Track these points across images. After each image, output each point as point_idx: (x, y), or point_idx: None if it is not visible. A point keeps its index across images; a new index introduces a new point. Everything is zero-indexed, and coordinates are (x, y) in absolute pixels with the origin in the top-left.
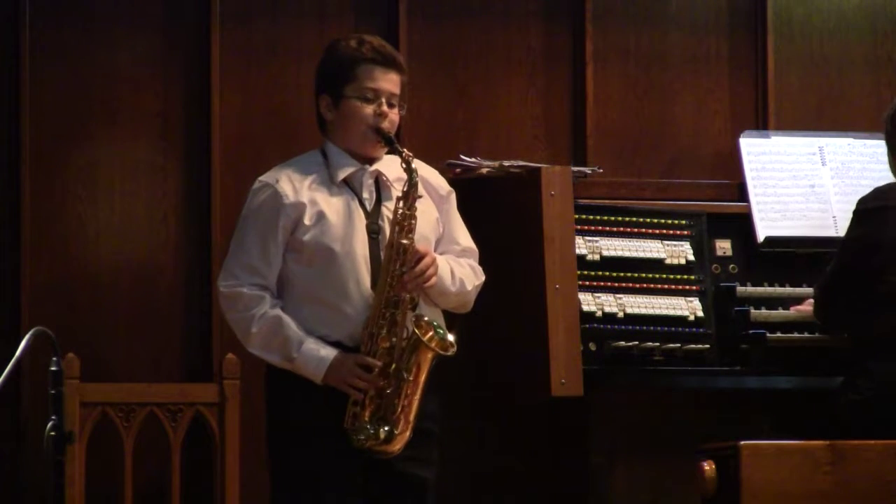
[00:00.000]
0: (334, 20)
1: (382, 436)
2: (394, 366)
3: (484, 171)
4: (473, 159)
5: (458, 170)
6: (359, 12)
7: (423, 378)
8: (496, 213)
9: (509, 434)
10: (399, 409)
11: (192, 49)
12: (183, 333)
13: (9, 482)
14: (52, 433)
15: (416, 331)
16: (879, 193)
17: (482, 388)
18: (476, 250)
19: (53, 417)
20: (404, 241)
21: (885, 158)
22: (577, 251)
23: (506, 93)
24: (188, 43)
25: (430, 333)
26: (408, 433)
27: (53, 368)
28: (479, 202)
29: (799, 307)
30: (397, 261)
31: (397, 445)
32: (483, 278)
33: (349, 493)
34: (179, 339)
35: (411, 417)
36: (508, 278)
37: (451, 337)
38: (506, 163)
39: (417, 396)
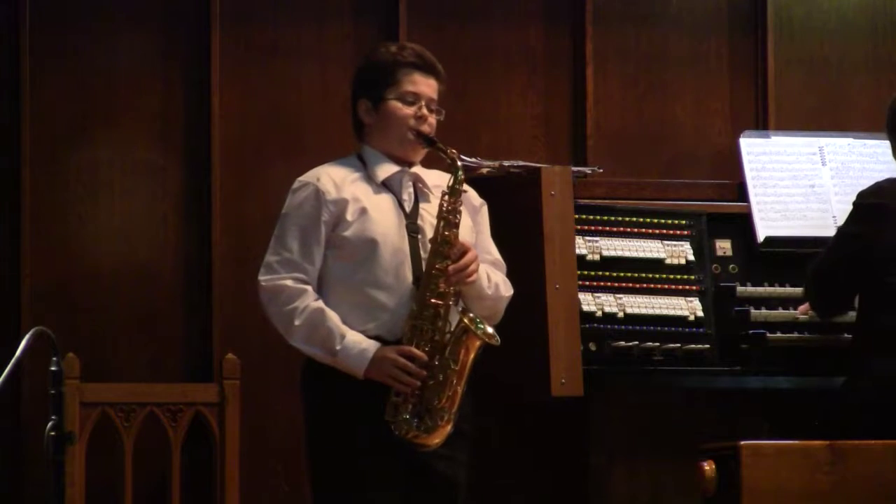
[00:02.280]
0: (334, 20)
1: (424, 427)
2: (437, 358)
3: (484, 171)
4: (473, 159)
5: None
6: (359, 12)
7: (468, 368)
8: (496, 213)
9: (509, 434)
10: (443, 401)
11: (192, 49)
12: (183, 333)
13: (9, 482)
14: (52, 433)
15: (464, 319)
16: (879, 190)
17: (482, 388)
18: (504, 265)
19: (53, 417)
20: (448, 234)
21: (886, 158)
22: (577, 251)
23: (506, 93)
24: (188, 43)
25: (474, 326)
26: (449, 427)
27: (53, 368)
28: None
29: (804, 307)
30: (442, 253)
31: (438, 438)
32: (512, 291)
33: (392, 489)
34: (179, 339)
35: (454, 409)
36: (509, 278)
37: (490, 329)
38: (506, 163)
39: (461, 388)
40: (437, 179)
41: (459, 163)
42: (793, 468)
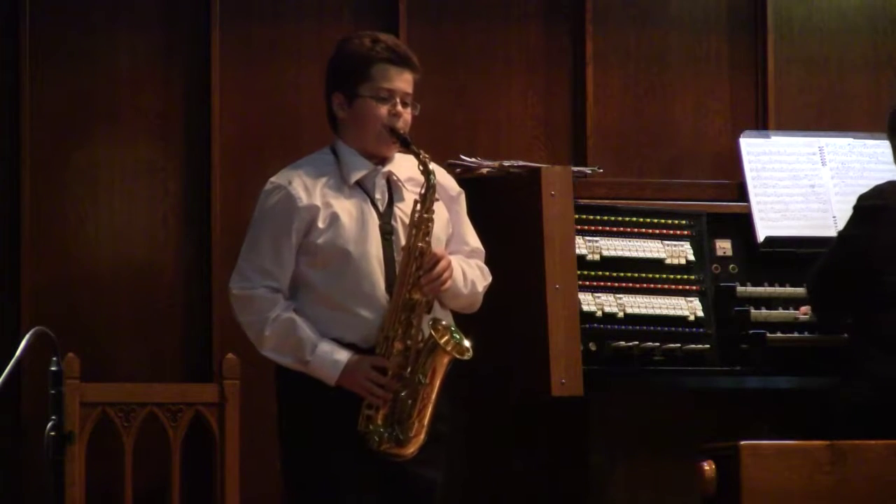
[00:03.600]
0: (334, 20)
1: (396, 439)
2: (409, 369)
3: (484, 171)
4: (473, 159)
5: (458, 170)
6: (358, 12)
7: (438, 382)
8: (496, 213)
9: (509, 434)
10: (415, 413)
11: (192, 49)
12: (183, 333)
13: (9, 482)
14: (52, 433)
15: (434, 334)
16: (879, 192)
17: (482, 388)
18: (483, 251)
19: (53, 417)
20: (421, 245)
21: (886, 158)
22: (577, 251)
23: (506, 93)
24: (188, 43)
25: (447, 337)
26: (422, 437)
27: (53, 368)
28: (479, 202)
29: (806, 308)
30: (414, 263)
31: (411, 449)
32: (490, 279)
33: (367, 491)
34: (179, 339)
35: (426, 421)
36: (508, 278)
37: (466, 343)
38: (506, 163)
39: (432, 400)
40: (409, 171)
41: (431, 166)
42: (793, 468)
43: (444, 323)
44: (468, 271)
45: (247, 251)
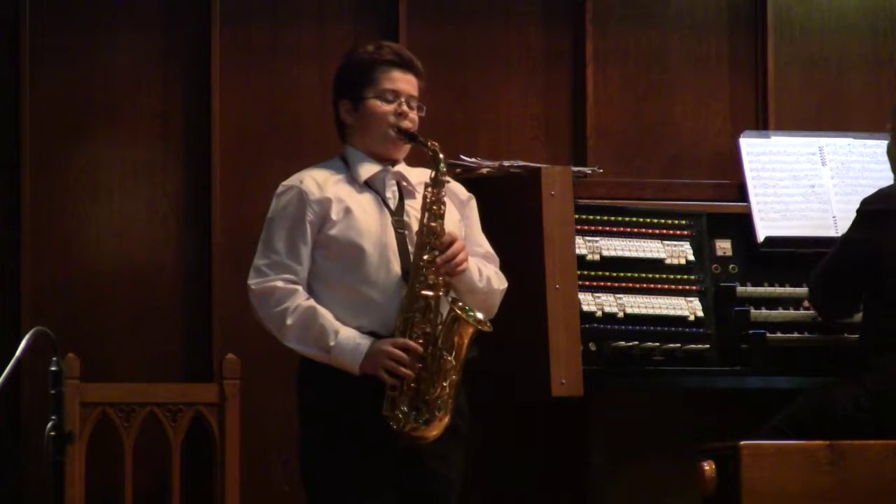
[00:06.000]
0: (334, 20)
1: (422, 420)
2: (430, 349)
3: (484, 171)
4: (473, 159)
5: (458, 170)
6: (358, 12)
7: (462, 357)
8: (496, 213)
9: (509, 434)
10: (438, 391)
11: (192, 49)
12: (183, 333)
13: (9, 482)
14: (52, 433)
15: (454, 308)
16: (882, 196)
17: (482, 388)
18: (496, 258)
19: (53, 417)
20: (433, 224)
21: (885, 158)
22: (577, 251)
23: (506, 93)
24: (188, 43)
25: (464, 315)
26: (447, 419)
27: (53, 368)
28: (479, 202)
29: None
30: (428, 244)
31: (436, 430)
32: (506, 285)
33: (385, 490)
34: (179, 339)
35: (450, 402)
36: (508, 278)
37: (481, 315)
38: (506, 163)
39: (457, 377)
40: (420, 176)
41: (441, 154)
42: (793, 468)
43: (460, 303)
44: (483, 269)
45: (262, 250)
